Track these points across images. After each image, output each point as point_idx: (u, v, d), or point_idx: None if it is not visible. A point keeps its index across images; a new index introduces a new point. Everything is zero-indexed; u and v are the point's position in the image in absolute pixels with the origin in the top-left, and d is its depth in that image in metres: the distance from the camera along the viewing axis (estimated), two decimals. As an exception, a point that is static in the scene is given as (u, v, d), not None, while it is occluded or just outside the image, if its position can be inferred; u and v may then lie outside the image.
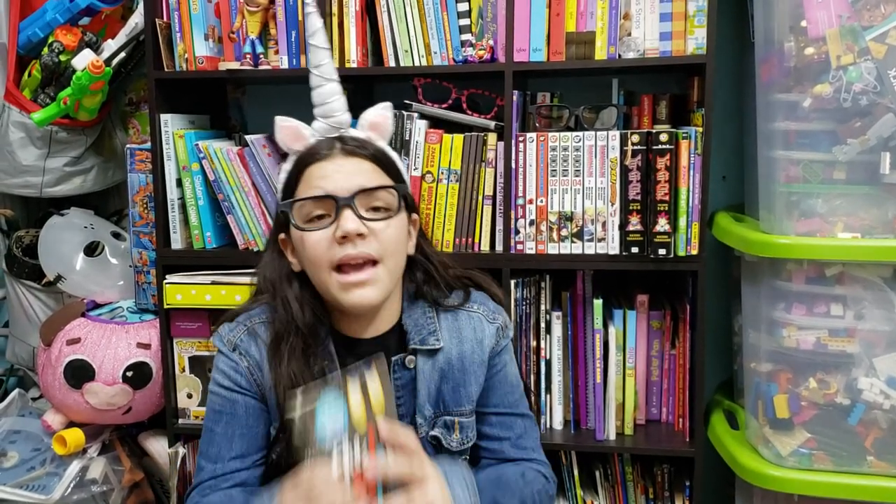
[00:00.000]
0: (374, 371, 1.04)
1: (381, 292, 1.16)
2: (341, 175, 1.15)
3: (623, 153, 1.64)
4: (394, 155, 1.24)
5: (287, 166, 1.23)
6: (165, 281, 1.82)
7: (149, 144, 1.83)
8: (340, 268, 1.14)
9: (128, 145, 1.90)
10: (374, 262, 1.14)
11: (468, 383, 1.26)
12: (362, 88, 1.96)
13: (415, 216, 1.26)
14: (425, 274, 1.28)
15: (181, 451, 1.88)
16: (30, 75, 1.90)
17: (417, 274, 1.27)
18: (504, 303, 1.36)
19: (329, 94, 1.22)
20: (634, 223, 1.65)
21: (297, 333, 1.19)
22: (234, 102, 2.13)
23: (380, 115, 1.24)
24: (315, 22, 1.22)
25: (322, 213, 1.15)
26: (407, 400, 1.25)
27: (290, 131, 1.22)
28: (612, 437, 1.76)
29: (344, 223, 1.11)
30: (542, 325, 1.76)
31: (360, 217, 1.13)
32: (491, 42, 1.69)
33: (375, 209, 1.16)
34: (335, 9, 1.73)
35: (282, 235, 1.23)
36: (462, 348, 1.26)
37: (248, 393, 1.22)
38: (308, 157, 1.18)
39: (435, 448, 1.26)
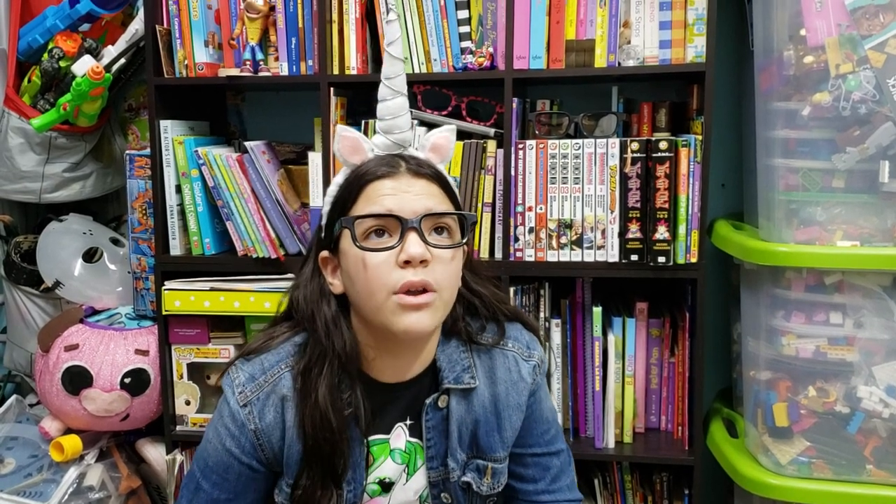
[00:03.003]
0: None
1: (435, 321, 1.07)
2: (409, 195, 1.06)
3: (622, 161, 1.65)
4: (451, 180, 1.15)
5: (340, 179, 1.13)
6: (164, 287, 1.82)
7: (148, 150, 1.83)
8: (397, 292, 1.04)
9: (127, 151, 1.90)
10: (431, 290, 1.05)
11: (503, 428, 1.18)
12: (362, 95, 1.96)
13: (465, 247, 1.15)
14: (466, 308, 1.20)
15: (179, 458, 1.88)
16: (29, 81, 1.90)
17: (457, 307, 1.16)
18: (538, 332, 1.27)
19: (397, 109, 1.11)
20: (634, 231, 1.65)
21: (333, 360, 1.09)
22: (234, 109, 2.13)
23: (443, 138, 1.15)
24: (395, 31, 1.12)
25: (381, 230, 1.05)
26: (437, 441, 1.17)
27: (350, 143, 1.11)
28: (611, 445, 1.75)
29: (409, 247, 1.02)
30: (542, 332, 1.76)
31: (427, 242, 1.04)
32: (491, 49, 1.69)
33: (439, 232, 1.08)
34: (335, 15, 1.73)
35: (324, 253, 1.13)
36: (496, 390, 1.18)
37: (247, 460, 1.12)
38: (369, 174, 1.08)
39: (464, 492, 1.19)
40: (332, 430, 1.08)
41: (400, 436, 1.17)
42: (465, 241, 1.09)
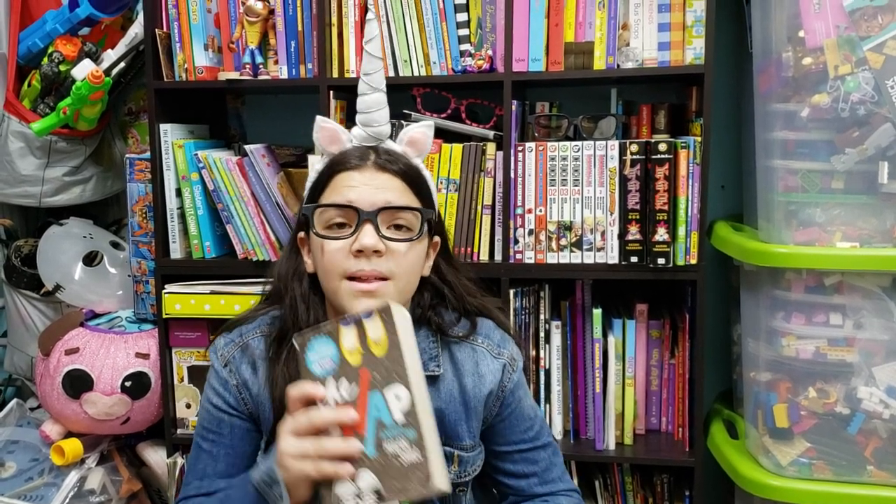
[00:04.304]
0: (375, 318, 0.99)
1: None
2: (369, 188, 1.13)
3: (622, 163, 1.65)
4: (427, 174, 1.22)
5: (319, 167, 1.21)
6: (164, 291, 1.82)
7: (148, 154, 1.83)
8: (350, 277, 1.12)
9: (127, 155, 1.90)
10: (384, 279, 1.12)
11: (469, 418, 1.22)
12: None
13: (436, 239, 1.23)
14: (435, 298, 1.25)
15: (179, 461, 1.88)
16: (29, 85, 1.90)
17: (425, 296, 1.23)
18: (512, 332, 1.31)
19: (374, 104, 1.19)
20: (633, 232, 1.66)
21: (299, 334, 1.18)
22: (234, 112, 2.14)
23: (420, 133, 1.21)
24: (373, 29, 1.19)
25: (343, 222, 1.14)
26: None
27: (328, 133, 1.20)
28: (612, 446, 1.75)
29: (362, 237, 1.10)
30: (542, 334, 1.76)
31: (380, 234, 1.11)
32: (490, 52, 1.70)
33: (398, 227, 1.14)
34: (334, 19, 1.73)
35: (301, 234, 1.22)
36: (463, 381, 1.22)
37: (234, 413, 1.21)
38: (339, 164, 1.17)
39: None
40: None
41: None
42: (419, 235, 1.15)
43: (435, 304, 1.25)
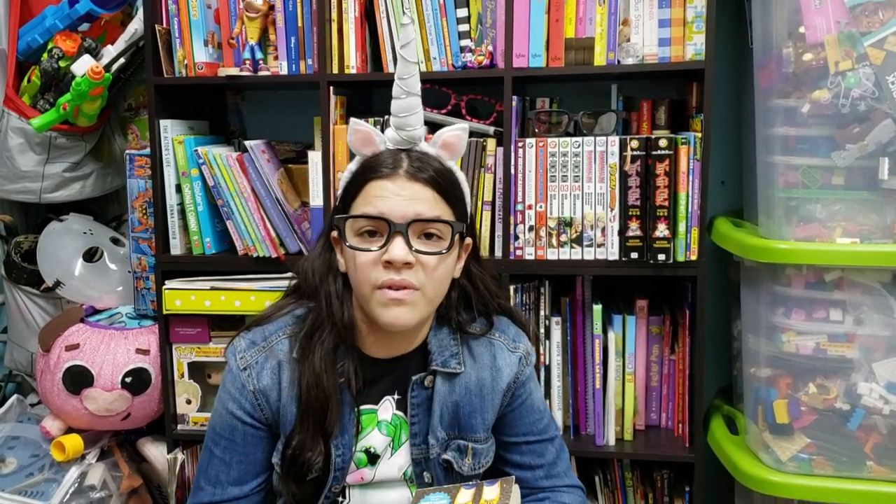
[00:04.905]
0: (496, 485, 1.10)
1: (417, 317, 1.15)
2: (401, 199, 1.12)
3: (622, 159, 1.65)
4: (460, 177, 1.22)
5: (353, 167, 1.21)
6: (164, 287, 1.82)
7: (148, 150, 1.83)
8: (381, 287, 1.13)
9: (127, 151, 1.90)
10: (412, 288, 1.13)
11: (485, 410, 1.25)
12: (361, 94, 1.96)
13: (468, 241, 1.24)
14: (461, 298, 1.27)
15: (180, 456, 1.88)
16: (29, 81, 1.90)
17: (452, 296, 1.25)
18: (527, 327, 1.35)
19: (409, 108, 1.18)
20: (634, 228, 1.65)
21: (331, 330, 1.18)
22: (234, 108, 2.13)
23: (454, 136, 1.21)
24: (409, 34, 1.18)
25: (374, 230, 1.14)
26: (421, 419, 1.24)
27: (361, 136, 1.19)
28: (612, 442, 1.76)
29: (393, 250, 1.10)
30: (542, 330, 1.76)
31: (411, 247, 1.11)
32: (490, 48, 1.69)
33: (428, 237, 1.14)
34: (335, 14, 1.73)
35: (334, 233, 1.22)
36: (481, 375, 1.25)
37: (249, 420, 1.21)
38: (371, 171, 1.16)
39: (445, 471, 1.25)
40: (325, 390, 1.16)
41: (387, 408, 1.25)
42: (449, 248, 1.15)
43: (459, 304, 1.27)
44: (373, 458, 1.24)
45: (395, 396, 1.25)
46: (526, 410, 1.30)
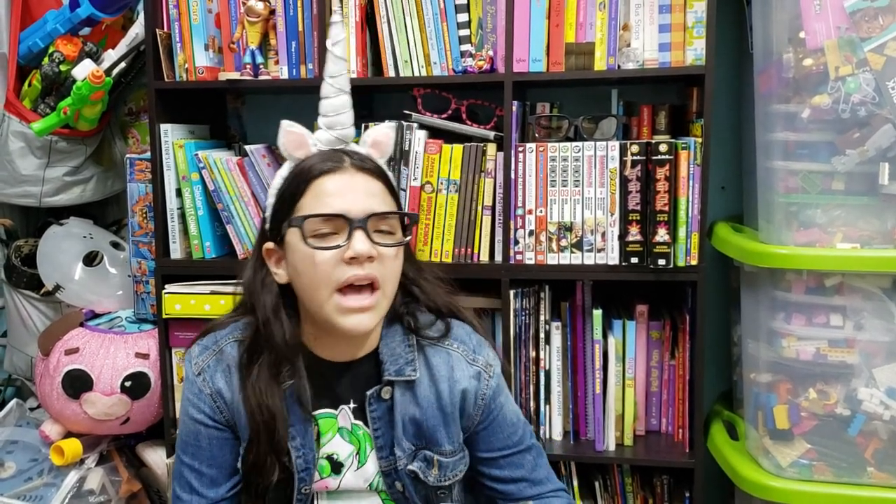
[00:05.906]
0: None
1: (377, 318, 1.15)
2: (355, 195, 1.12)
3: (622, 163, 1.65)
4: (391, 174, 1.23)
5: (284, 172, 1.19)
6: (164, 291, 1.82)
7: (148, 154, 1.83)
8: (341, 290, 1.11)
9: (127, 155, 1.90)
10: (373, 288, 1.12)
11: (448, 424, 1.22)
12: (362, 98, 1.96)
13: (407, 238, 1.23)
14: (407, 296, 1.25)
15: (179, 461, 1.87)
16: (30, 85, 1.90)
17: (398, 295, 1.22)
18: (485, 336, 1.31)
19: (340, 107, 1.19)
20: (634, 233, 1.65)
21: (269, 351, 1.17)
22: (234, 112, 2.13)
23: (383, 134, 1.22)
24: (339, 32, 1.19)
25: (330, 232, 1.12)
26: (385, 432, 1.22)
27: (294, 138, 1.18)
28: (612, 447, 1.75)
29: (356, 245, 1.09)
30: (542, 335, 1.76)
31: (372, 241, 1.11)
32: (490, 52, 1.70)
33: (380, 232, 1.14)
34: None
35: (267, 245, 1.19)
36: (439, 387, 1.22)
37: (211, 423, 1.20)
38: (316, 168, 1.14)
39: (413, 480, 1.23)
40: (270, 410, 1.15)
41: (346, 416, 1.23)
42: (407, 238, 1.18)
43: (408, 302, 1.25)
44: (336, 467, 1.22)
45: (352, 405, 1.23)
46: (499, 426, 1.26)
